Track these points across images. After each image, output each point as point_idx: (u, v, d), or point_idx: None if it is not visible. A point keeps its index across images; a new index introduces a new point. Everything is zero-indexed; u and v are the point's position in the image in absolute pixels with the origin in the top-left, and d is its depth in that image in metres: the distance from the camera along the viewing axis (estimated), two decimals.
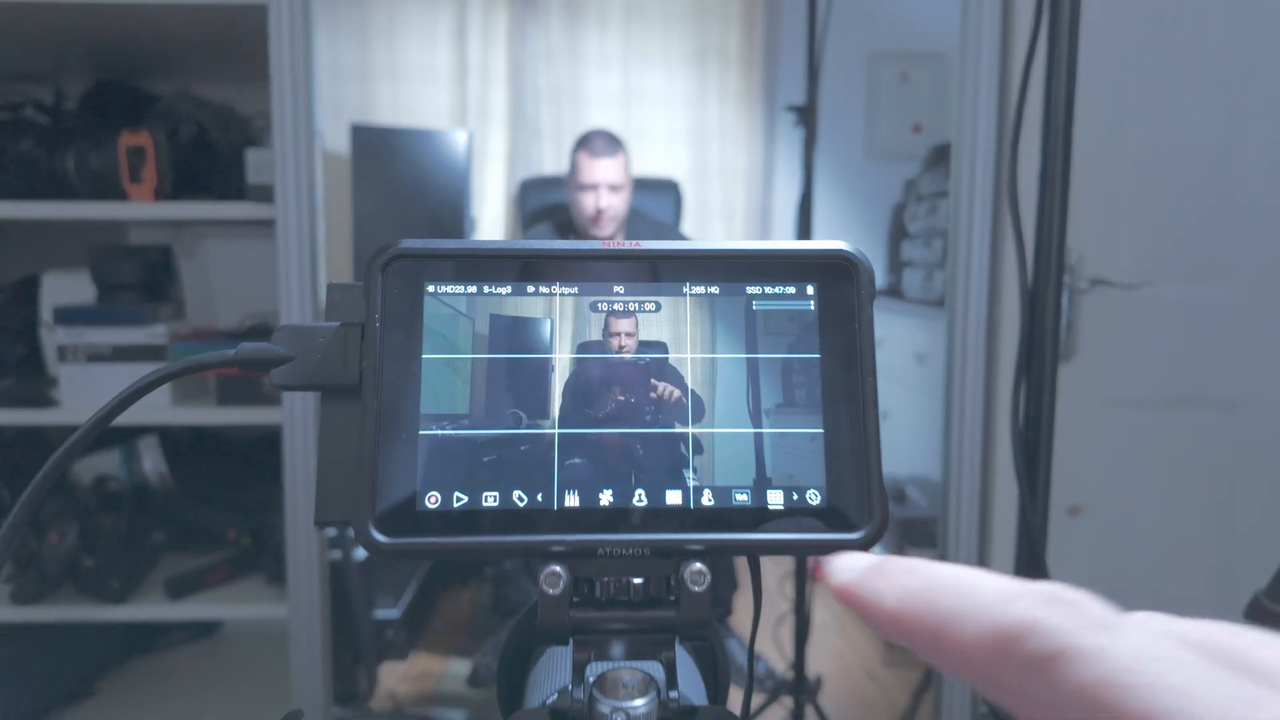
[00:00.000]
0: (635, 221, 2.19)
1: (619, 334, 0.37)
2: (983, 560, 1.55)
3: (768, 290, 0.37)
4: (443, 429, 0.36)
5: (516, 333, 0.37)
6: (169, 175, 1.41)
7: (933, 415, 2.06)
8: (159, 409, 1.37)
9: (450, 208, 2.57)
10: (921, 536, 2.04)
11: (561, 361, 0.37)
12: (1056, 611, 0.17)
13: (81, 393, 1.40)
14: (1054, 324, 0.91)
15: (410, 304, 0.36)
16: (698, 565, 0.35)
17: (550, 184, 2.59)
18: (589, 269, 0.37)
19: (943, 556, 1.54)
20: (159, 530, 1.49)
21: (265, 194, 1.32)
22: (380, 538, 0.35)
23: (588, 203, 2.05)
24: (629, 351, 0.37)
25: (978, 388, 1.44)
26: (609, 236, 2.12)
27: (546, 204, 2.48)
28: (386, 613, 1.93)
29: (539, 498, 0.35)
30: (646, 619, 0.36)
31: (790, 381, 0.37)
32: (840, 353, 0.37)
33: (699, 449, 0.36)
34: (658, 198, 2.48)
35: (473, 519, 0.35)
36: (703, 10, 2.87)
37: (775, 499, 0.36)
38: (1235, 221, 1.65)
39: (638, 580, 0.35)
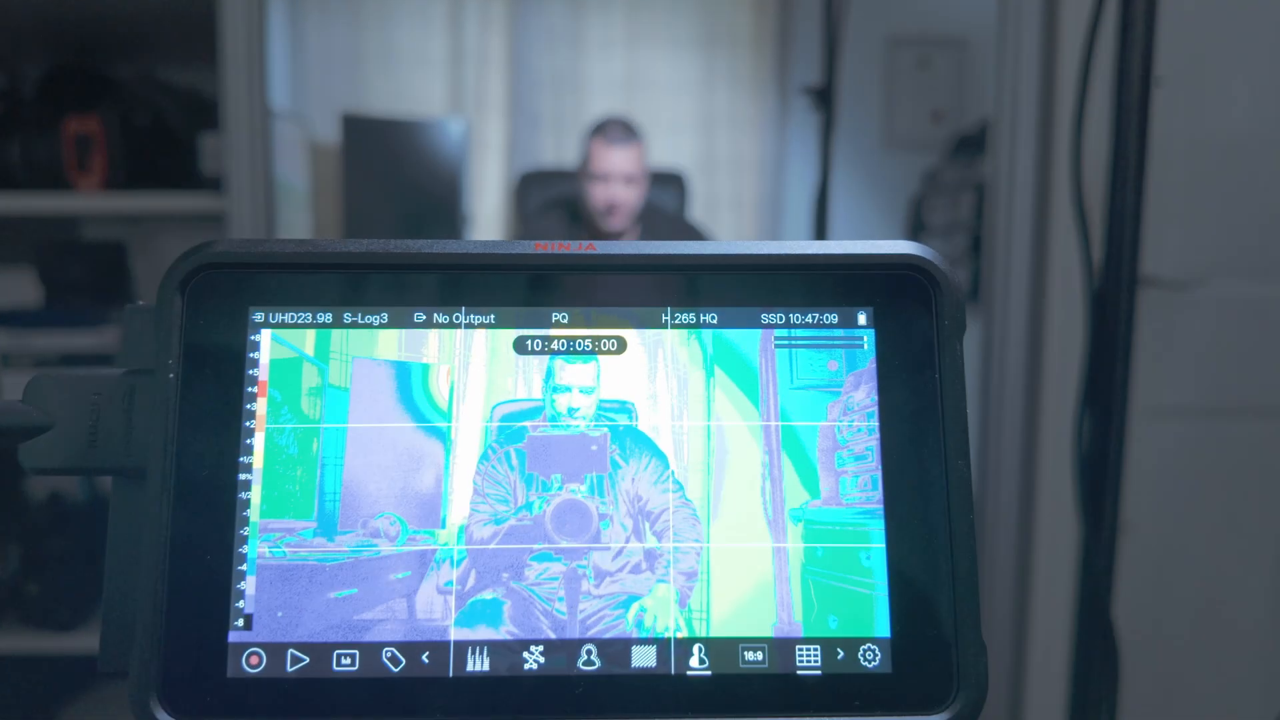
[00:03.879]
0: (651, 218, 2.04)
1: (570, 389, 0.24)
2: (1022, 582, 1.41)
3: (796, 318, 0.24)
4: (273, 546, 0.22)
5: (394, 389, 0.23)
6: (122, 164, 1.28)
7: None
8: None
9: (445, 202, 2.44)
10: None
11: (467, 435, 0.23)
12: None
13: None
14: (1126, 334, 0.76)
15: (227, 342, 0.23)
16: None
17: (553, 177, 2.45)
18: (512, 285, 0.24)
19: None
20: None
21: (219, 184, 1.19)
22: (167, 719, 0.21)
23: (600, 194, 1.90)
24: (584, 417, 0.23)
25: (1017, 393, 1.29)
26: (620, 232, 1.97)
27: (560, 194, 2.33)
28: None
29: (424, 659, 0.22)
30: None
31: (831, 465, 0.23)
32: (911, 417, 0.23)
33: (688, 576, 0.23)
34: (660, 193, 2.34)
35: (316, 692, 0.22)
36: None
37: (808, 659, 0.22)
38: None
39: None
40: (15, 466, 0.24)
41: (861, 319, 0.24)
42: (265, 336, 0.23)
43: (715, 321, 0.24)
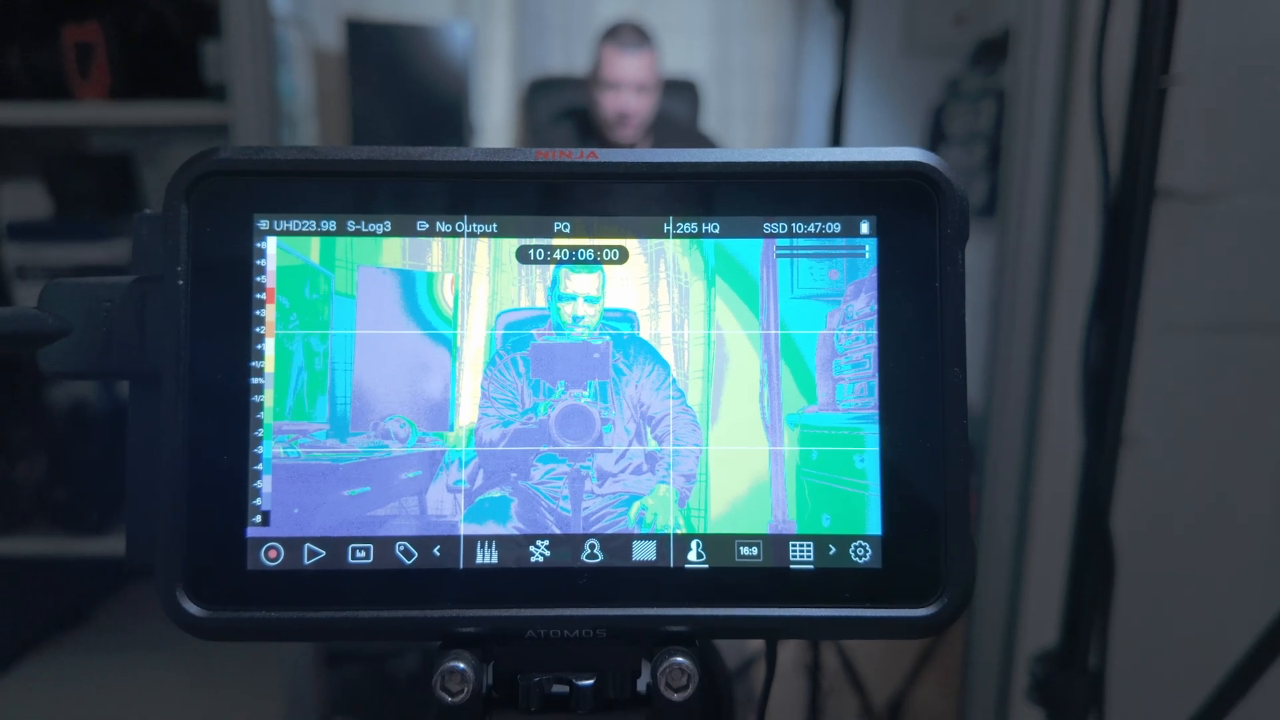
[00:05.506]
0: (663, 129, 1.99)
1: (575, 298, 0.24)
2: (1024, 495, 1.43)
3: (798, 228, 0.24)
4: (287, 447, 0.23)
5: (400, 297, 0.24)
6: (123, 73, 1.26)
7: (971, 336, 1.90)
8: None
9: (452, 110, 2.39)
10: None
11: (473, 343, 0.24)
12: None
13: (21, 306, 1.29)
14: (1140, 247, 0.76)
15: (233, 250, 0.23)
16: (680, 660, 0.23)
17: (562, 84, 2.38)
18: (513, 193, 0.24)
19: (979, 489, 1.43)
20: None
21: (223, 93, 1.17)
22: (194, 609, 0.22)
23: (610, 103, 1.85)
24: (588, 325, 0.24)
25: (1028, 304, 1.29)
26: (630, 144, 1.92)
27: (571, 105, 2.27)
28: None
29: (436, 552, 0.23)
30: None
31: (829, 372, 0.24)
32: (909, 326, 0.23)
33: (687, 478, 0.23)
34: (672, 102, 2.27)
35: (333, 583, 0.23)
36: None
37: (801, 553, 0.23)
38: None
39: (586, 681, 0.23)
40: (38, 377, 0.25)
41: (864, 228, 0.24)
42: (271, 244, 0.23)
43: (717, 231, 0.24)
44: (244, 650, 1.40)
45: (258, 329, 0.23)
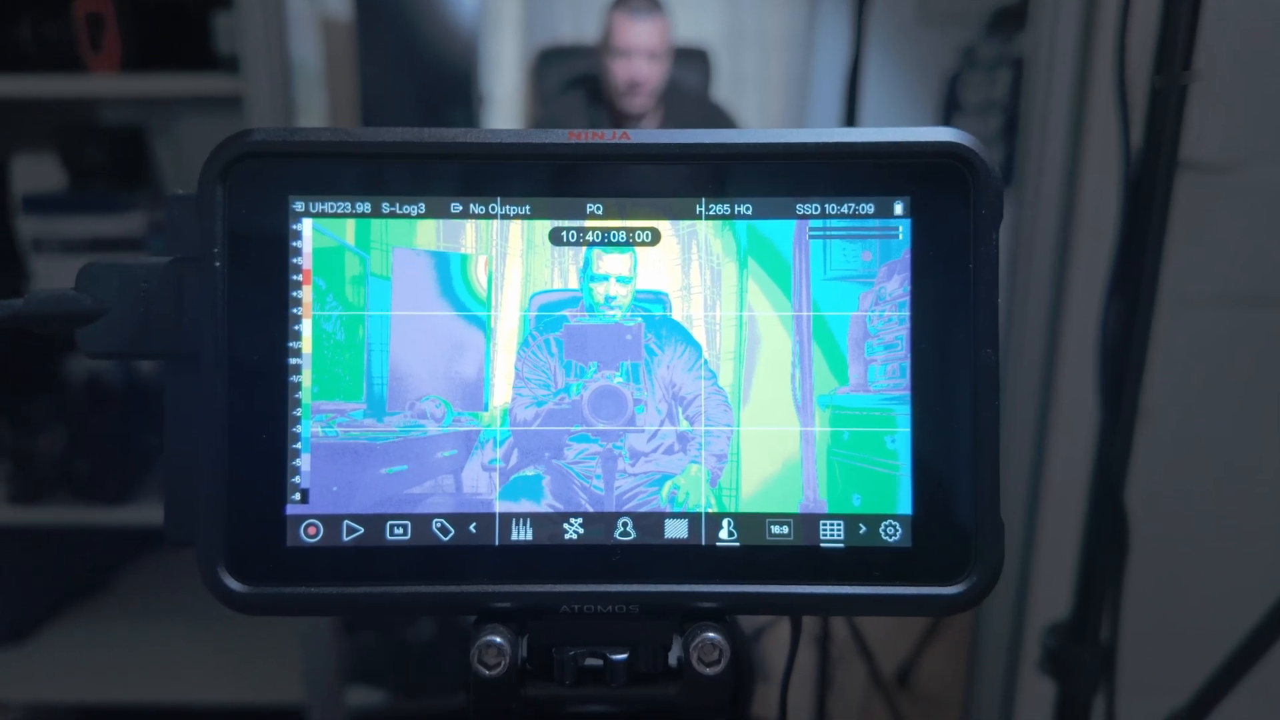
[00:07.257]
0: (674, 98, 1.96)
1: (607, 278, 0.24)
2: (1037, 466, 1.44)
3: (832, 209, 0.24)
4: (325, 426, 0.23)
5: (434, 279, 0.24)
6: (135, 44, 1.25)
7: None
8: None
9: (461, 80, 2.37)
10: None
11: (506, 324, 0.24)
12: None
13: (58, 287, 1.30)
14: (1161, 220, 0.75)
15: (269, 231, 0.23)
16: (712, 635, 0.23)
17: (572, 53, 2.36)
18: (546, 175, 0.24)
19: None
20: (154, 430, 1.42)
21: (236, 65, 1.16)
22: (235, 584, 0.23)
23: (621, 71, 1.83)
24: (620, 306, 0.24)
25: (1044, 275, 1.28)
26: (641, 113, 1.91)
27: (579, 74, 2.25)
28: None
29: (472, 529, 0.23)
30: (631, 702, 0.24)
31: (861, 353, 0.24)
32: (942, 306, 0.24)
33: (719, 458, 0.24)
34: (683, 70, 2.24)
35: (371, 559, 0.23)
36: None
37: (832, 532, 0.23)
38: None
39: (619, 655, 0.24)
40: (57, 352, 0.26)
41: (898, 209, 0.24)
42: (307, 225, 0.23)
43: (750, 213, 0.24)
44: (263, 619, 1.42)
45: (295, 310, 0.23)
